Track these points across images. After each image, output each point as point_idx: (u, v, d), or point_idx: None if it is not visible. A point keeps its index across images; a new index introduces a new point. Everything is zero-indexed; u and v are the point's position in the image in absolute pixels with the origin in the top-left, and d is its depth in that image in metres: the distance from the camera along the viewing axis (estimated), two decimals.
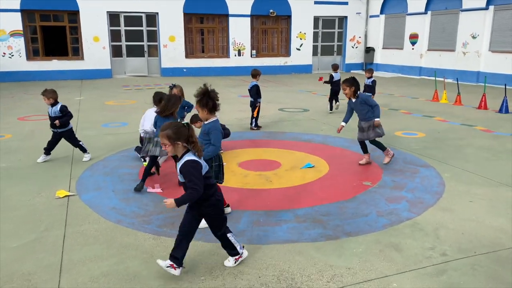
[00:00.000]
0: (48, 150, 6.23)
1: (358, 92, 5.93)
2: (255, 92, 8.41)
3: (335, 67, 10.84)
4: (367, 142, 6.09)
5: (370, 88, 9.97)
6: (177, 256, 3.17)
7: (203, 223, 3.99)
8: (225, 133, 6.53)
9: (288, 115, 10.17)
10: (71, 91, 14.27)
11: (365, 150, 6.13)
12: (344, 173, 5.79)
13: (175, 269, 3.16)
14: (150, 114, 5.66)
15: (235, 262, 3.39)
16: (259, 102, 8.50)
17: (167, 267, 3.16)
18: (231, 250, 3.37)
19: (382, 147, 6.04)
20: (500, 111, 10.48)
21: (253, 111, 8.50)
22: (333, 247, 3.71)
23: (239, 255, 3.40)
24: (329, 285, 3.15)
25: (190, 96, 6.33)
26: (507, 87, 11.42)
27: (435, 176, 5.58)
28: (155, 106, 5.65)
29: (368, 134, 5.93)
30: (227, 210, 4.37)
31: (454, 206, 4.61)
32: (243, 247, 3.47)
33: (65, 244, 3.78)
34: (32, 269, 3.36)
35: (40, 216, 4.36)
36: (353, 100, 5.94)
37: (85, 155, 6.29)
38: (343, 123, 6.11)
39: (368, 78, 10.12)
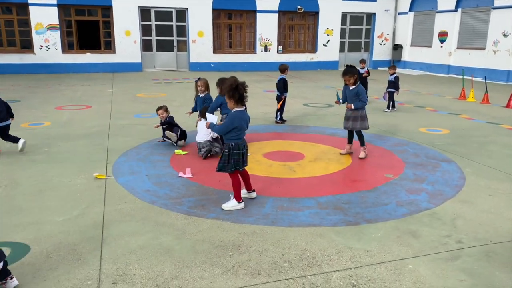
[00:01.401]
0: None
1: (358, 83, 6.21)
2: (282, 86, 8.62)
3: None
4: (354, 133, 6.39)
5: (394, 84, 10.11)
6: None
7: (230, 205, 4.31)
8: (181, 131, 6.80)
9: (313, 110, 10.35)
10: (104, 83, 14.84)
11: (350, 139, 6.43)
12: (366, 165, 5.96)
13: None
14: (202, 127, 6.17)
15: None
16: (285, 96, 8.72)
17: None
18: None
19: (362, 142, 6.29)
20: None
21: (278, 104, 8.74)
22: (353, 232, 3.93)
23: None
24: (348, 264, 3.38)
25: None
26: None
27: (456, 171, 5.70)
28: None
29: (353, 124, 6.23)
30: (253, 194, 4.64)
31: (473, 199, 4.74)
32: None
33: (105, 220, 4.13)
34: (77, 241, 3.72)
35: (80, 196, 4.74)
36: (351, 88, 6.18)
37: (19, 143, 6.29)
38: (340, 101, 6.39)
39: (391, 74, 10.29)
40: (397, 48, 22.44)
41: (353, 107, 6.16)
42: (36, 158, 6.15)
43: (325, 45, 21.87)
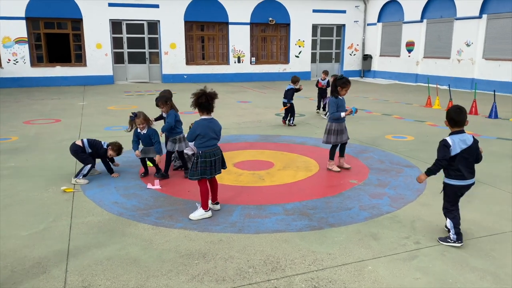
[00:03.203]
0: None
1: (332, 93, 6.07)
2: (291, 94, 9.74)
3: (325, 74, 11.58)
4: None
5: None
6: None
7: (197, 214, 4.36)
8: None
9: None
10: (74, 97, 14.68)
11: (342, 152, 6.24)
12: (332, 172, 6.13)
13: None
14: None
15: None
16: (291, 103, 9.68)
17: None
18: None
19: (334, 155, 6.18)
20: (490, 116, 10.85)
21: (282, 108, 9.81)
22: (316, 236, 4.06)
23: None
24: (310, 267, 3.49)
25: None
26: (497, 93, 11.78)
27: (417, 175, 5.91)
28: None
29: (347, 135, 6.12)
30: (216, 206, 4.68)
31: (432, 201, 4.95)
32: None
33: (72, 233, 4.13)
34: (42, 254, 3.71)
35: (48, 209, 4.71)
36: (343, 98, 6.03)
37: None
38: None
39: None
40: (366, 58, 23.03)
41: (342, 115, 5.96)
42: (2, 173, 6.06)
43: (297, 56, 22.25)
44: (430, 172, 3.91)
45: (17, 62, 17.65)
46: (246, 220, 4.43)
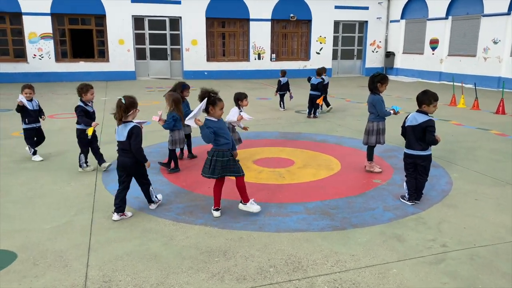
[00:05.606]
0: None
1: (372, 90, 5.86)
2: (321, 86, 10.08)
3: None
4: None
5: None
6: None
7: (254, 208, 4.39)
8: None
9: (304, 117, 10.42)
10: (97, 92, 14.81)
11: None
12: (355, 171, 6.01)
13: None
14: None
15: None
16: (323, 95, 10.22)
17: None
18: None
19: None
20: None
21: (318, 101, 10.09)
22: (339, 237, 3.96)
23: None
24: (333, 269, 3.41)
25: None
26: None
27: (443, 176, 5.76)
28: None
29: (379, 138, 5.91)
30: (250, 207, 4.45)
31: (459, 203, 4.80)
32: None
33: (93, 227, 4.14)
34: (64, 247, 3.73)
35: (70, 203, 4.75)
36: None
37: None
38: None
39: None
40: (389, 55, 22.65)
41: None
42: (27, 166, 6.16)
43: (318, 53, 22.04)
44: None
45: (42, 57, 17.98)
46: (267, 218, 4.37)
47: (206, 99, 4.16)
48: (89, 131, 5.63)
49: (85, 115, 5.77)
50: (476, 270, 3.40)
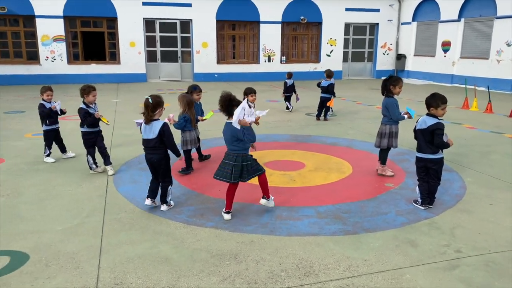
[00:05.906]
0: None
1: (385, 93, 5.80)
2: (332, 89, 10.12)
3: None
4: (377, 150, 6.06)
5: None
6: None
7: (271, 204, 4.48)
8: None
9: (315, 119, 10.37)
10: (108, 94, 14.97)
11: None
12: (366, 175, 5.96)
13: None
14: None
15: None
16: (333, 97, 10.22)
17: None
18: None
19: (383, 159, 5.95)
20: None
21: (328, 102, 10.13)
22: (351, 241, 3.92)
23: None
24: (345, 273, 3.37)
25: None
26: None
27: (457, 180, 5.68)
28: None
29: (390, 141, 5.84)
30: (270, 202, 4.56)
31: (473, 208, 4.72)
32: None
33: (104, 229, 4.15)
34: (75, 249, 3.74)
35: (81, 205, 4.77)
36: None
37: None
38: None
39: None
40: (400, 57, 22.48)
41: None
42: (39, 167, 6.21)
43: (329, 55, 21.96)
44: None
45: (54, 59, 18.17)
46: (278, 221, 4.34)
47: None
48: (104, 120, 5.95)
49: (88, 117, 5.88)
50: (492, 277, 3.34)
